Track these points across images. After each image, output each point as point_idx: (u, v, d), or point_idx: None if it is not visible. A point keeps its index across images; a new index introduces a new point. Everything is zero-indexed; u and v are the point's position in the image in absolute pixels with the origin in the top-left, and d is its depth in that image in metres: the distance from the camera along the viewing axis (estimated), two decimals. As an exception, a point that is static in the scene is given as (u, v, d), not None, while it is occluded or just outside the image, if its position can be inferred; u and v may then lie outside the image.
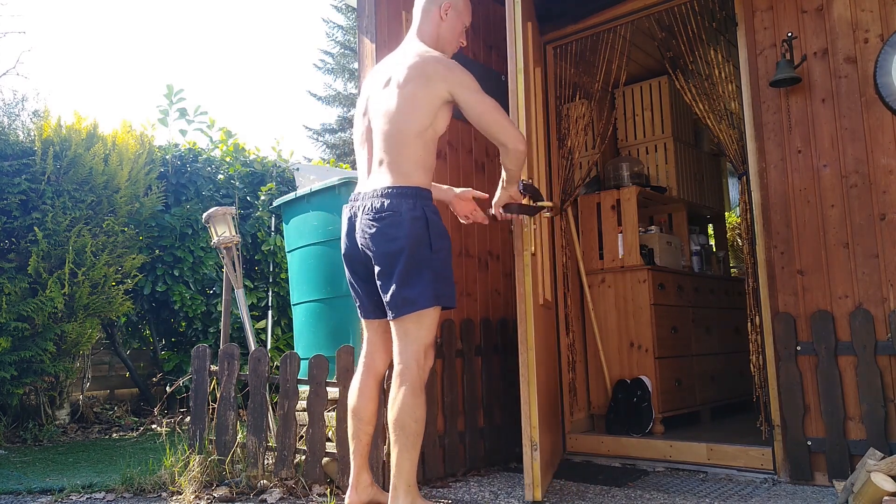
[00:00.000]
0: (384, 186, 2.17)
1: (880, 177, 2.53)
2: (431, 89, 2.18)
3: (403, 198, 2.15)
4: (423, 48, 2.30)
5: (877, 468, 2.04)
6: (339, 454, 2.64)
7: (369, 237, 2.16)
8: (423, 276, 2.13)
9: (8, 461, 3.49)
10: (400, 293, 2.12)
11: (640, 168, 4.10)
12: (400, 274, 2.12)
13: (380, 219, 2.14)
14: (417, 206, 2.15)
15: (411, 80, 2.19)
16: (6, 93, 5.16)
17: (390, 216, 2.13)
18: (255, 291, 5.38)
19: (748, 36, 2.84)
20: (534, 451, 2.41)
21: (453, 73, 2.20)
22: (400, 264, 2.12)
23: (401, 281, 2.12)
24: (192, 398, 2.92)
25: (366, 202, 2.20)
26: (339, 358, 2.72)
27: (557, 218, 3.51)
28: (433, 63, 2.21)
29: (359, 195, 2.25)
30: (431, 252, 2.15)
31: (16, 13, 13.99)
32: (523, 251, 2.47)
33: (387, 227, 2.13)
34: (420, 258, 2.13)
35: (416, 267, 2.13)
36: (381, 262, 2.16)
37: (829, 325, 2.55)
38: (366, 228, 2.17)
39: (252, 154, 5.92)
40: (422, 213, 2.15)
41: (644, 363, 3.58)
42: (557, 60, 3.64)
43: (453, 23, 2.38)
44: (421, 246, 2.13)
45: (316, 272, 3.31)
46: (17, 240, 4.21)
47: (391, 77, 2.25)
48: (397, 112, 2.19)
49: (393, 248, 2.13)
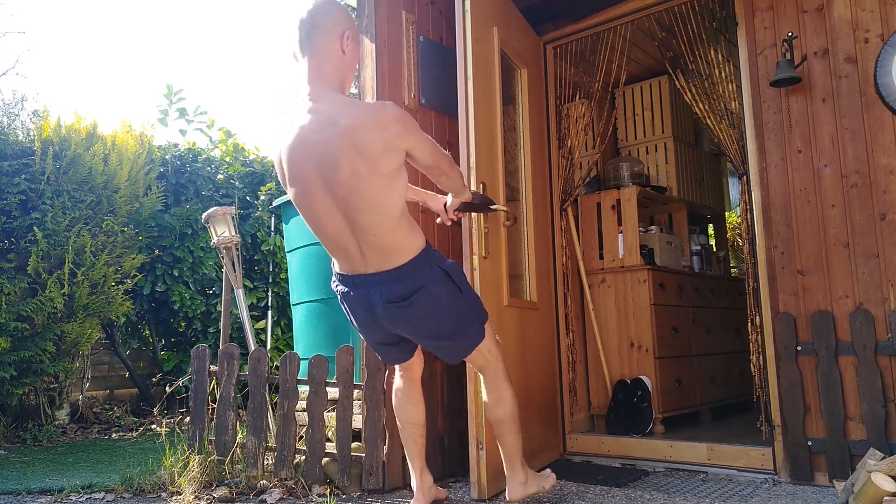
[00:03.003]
0: (394, 268, 2.01)
1: (881, 177, 2.53)
2: (395, 158, 1.97)
3: (419, 270, 2.03)
4: (350, 103, 2.00)
5: (877, 468, 2.04)
6: (338, 454, 2.64)
7: (406, 322, 2.09)
8: (469, 321, 2.17)
9: (7, 461, 3.49)
10: (457, 346, 2.19)
11: (640, 168, 4.10)
12: (449, 335, 2.15)
13: (410, 304, 2.03)
14: (434, 267, 2.07)
15: (372, 157, 1.92)
16: (6, 93, 5.17)
17: (418, 294, 2.03)
18: (255, 291, 5.38)
19: (748, 36, 2.84)
20: (479, 451, 2.45)
21: (407, 126, 1.99)
22: (444, 329, 2.13)
23: (454, 336, 2.15)
24: (192, 398, 2.92)
25: (381, 289, 2.03)
26: (339, 358, 2.71)
27: (558, 218, 3.51)
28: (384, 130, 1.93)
29: (358, 278, 2.06)
30: (462, 293, 2.14)
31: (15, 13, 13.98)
32: (471, 255, 2.51)
33: (421, 307, 2.05)
34: (459, 309, 2.13)
35: (460, 319, 2.14)
36: (427, 334, 2.15)
37: (830, 325, 2.55)
38: (397, 316, 2.06)
39: (252, 154, 5.92)
40: (441, 273, 2.08)
41: (644, 363, 3.57)
42: (557, 60, 3.64)
43: (353, 54, 2.06)
44: (455, 299, 2.11)
45: (316, 272, 3.31)
46: (16, 240, 4.21)
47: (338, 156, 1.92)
48: (376, 200, 1.96)
49: (434, 321, 2.10)
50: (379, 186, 1.95)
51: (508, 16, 3.07)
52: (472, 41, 2.61)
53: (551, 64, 3.58)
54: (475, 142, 2.58)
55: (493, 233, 2.65)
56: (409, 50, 3.03)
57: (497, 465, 2.54)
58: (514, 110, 3.17)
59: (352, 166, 1.91)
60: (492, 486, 2.50)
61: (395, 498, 2.55)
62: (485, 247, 2.55)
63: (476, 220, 2.53)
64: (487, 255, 2.58)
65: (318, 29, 1.98)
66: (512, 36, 3.06)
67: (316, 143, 1.93)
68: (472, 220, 2.54)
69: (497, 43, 2.84)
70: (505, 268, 2.73)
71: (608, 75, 3.76)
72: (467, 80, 2.59)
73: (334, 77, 2.01)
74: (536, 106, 3.35)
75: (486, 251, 2.56)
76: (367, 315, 2.10)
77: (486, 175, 2.64)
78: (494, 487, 2.52)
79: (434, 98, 3.13)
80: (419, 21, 3.11)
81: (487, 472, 2.47)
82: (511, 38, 3.04)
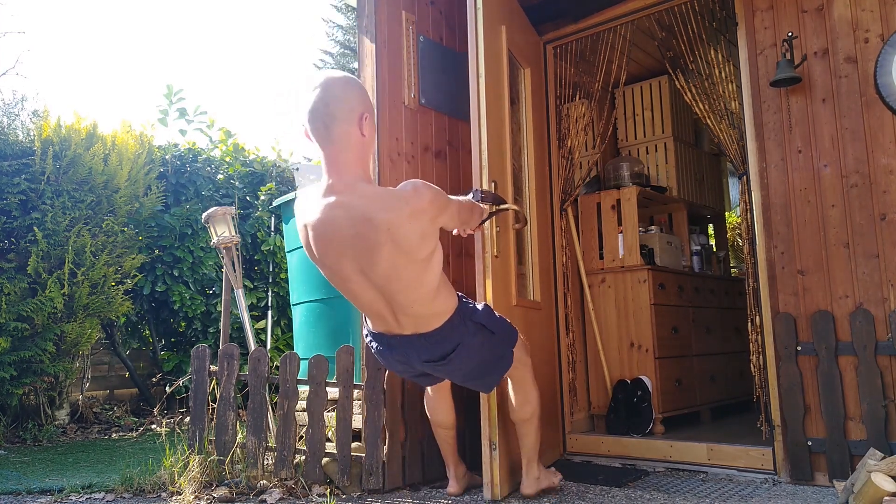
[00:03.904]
0: (431, 331, 2.07)
1: (881, 177, 2.53)
2: (431, 242, 1.99)
3: (456, 329, 2.09)
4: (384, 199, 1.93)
5: (877, 468, 2.04)
6: (338, 454, 2.64)
7: (445, 373, 2.25)
8: (503, 353, 2.29)
9: (7, 461, 3.48)
10: (491, 382, 2.33)
11: (640, 168, 4.10)
12: (485, 374, 2.28)
13: (448, 362, 2.12)
14: (467, 322, 2.12)
15: (411, 248, 1.94)
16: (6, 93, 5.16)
17: (455, 352, 2.10)
18: (255, 291, 5.37)
19: (748, 35, 2.84)
20: (493, 451, 2.45)
21: (439, 203, 2.00)
22: (481, 371, 2.26)
23: (490, 373, 2.29)
24: (192, 398, 2.92)
25: (419, 352, 2.10)
26: (339, 358, 2.71)
27: (558, 217, 3.51)
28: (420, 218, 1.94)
29: (394, 339, 2.11)
30: (494, 335, 2.20)
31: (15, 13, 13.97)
32: (484, 254, 2.52)
33: (459, 361, 2.14)
34: (493, 349, 2.23)
35: (493, 356, 2.26)
36: (464, 379, 2.29)
37: (830, 325, 2.55)
38: (435, 370, 2.20)
39: (252, 154, 5.92)
40: (474, 325, 2.13)
41: (644, 363, 3.57)
42: (557, 60, 3.63)
43: (371, 130, 1.98)
44: (489, 342, 2.20)
45: (316, 272, 3.29)
46: (16, 240, 4.21)
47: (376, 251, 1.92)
48: (415, 283, 2.00)
49: (473, 369, 2.22)
50: (416, 272, 1.98)
51: (513, 15, 3.07)
52: (484, 40, 2.60)
53: (551, 64, 3.58)
54: (487, 141, 2.55)
55: (503, 233, 2.64)
56: (409, 50, 3.03)
57: (509, 465, 2.54)
58: (516, 110, 3.17)
59: (390, 260, 1.93)
60: (505, 486, 2.49)
61: (395, 498, 2.55)
62: (496, 246, 2.55)
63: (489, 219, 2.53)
64: (499, 255, 2.57)
65: (337, 120, 1.90)
66: (516, 35, 3.06)
67: (352, 237, 1.92)
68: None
69: (505, 42, 2.84)
70: (514, 268, 2.74)
71: (608, 75, 3.76)
72: (479, 78, 2.57)
73: (358, 164, 1.96)
74: (537, 106, 3.35)
75: (497, 250, 2.55)
76: (406, 367, 2.23)
77: (497, 174, 2.63)
78: (507, 487, 2.51)
79: (434, 98, 3.13)
80: (419, 21, 3.11)
81: (500, 472, 2.46)
82: (516, 37, 3.04)
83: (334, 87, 1.93)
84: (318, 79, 1.95)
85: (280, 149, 6.44)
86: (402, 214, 1.90)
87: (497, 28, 2.79)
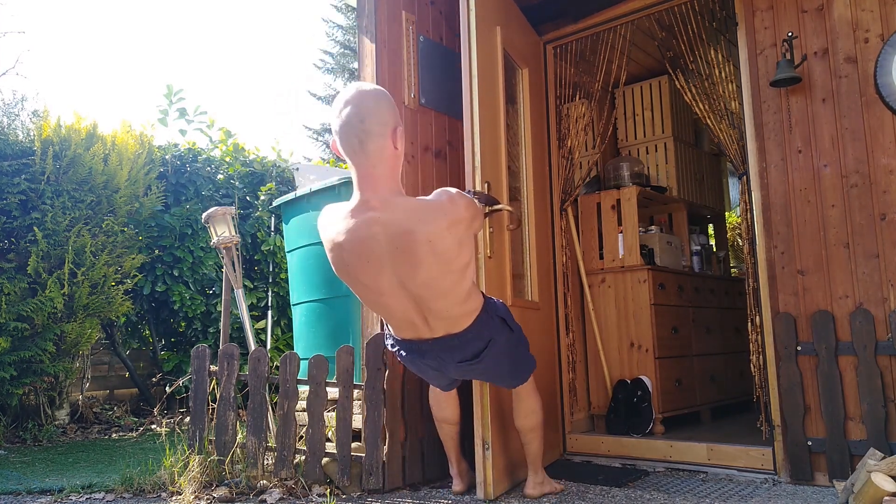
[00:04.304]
0: (462, 331, 2.10)
1: (881, 177, 2.53)
2: (468, 250, 2.05)
3: (485, 327, 2.14)
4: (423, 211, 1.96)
5: (877, 468, 2.04)
6: (338, 454, 2.64)
7: (477, 374, 2.31)
8: (524, 351, 2.36)
9: (7, 461, 3.49)
10: (515, 379, 2.41)
11: (640, 168, 4.10)
12: (510, 373, 2.37)
13: (481, 360, 2.17)
14: (494, 318, 2.18)
15: (450, 258, 1.97)
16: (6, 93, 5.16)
17: (487, 349, 2.16)
18: (255, 291, 5.37)
19: (748, 35, 2.84)
20: (485, 451, 2.47)
21: (473, 211, 2.06)
22: (508, 367, 2.33)
23: (512, 373, 2.38)
24: (192, 398, 2.92)
25: (452, 353, 2.14)
26: (339, 358, 2.71)
27: (558, 218, 3.51)
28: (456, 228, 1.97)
29: (424, 344, 2.13)
30: (514, 331, 2.27)
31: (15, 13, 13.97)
32: (477, 255, 2.52)
33: (491, 358, 2.19)
34: (517, 346, 2.31)
35: (518, 353, 2.33)
36: (495, 377, 2.38)
37: (830, 325, 2.55)
38: (469, 370, 2.25)
39: (252, 154, 5.92)
40: (499, 321, 2.19)
41: (644, 363, 3.57)
42: (557, 60, 3.64)
43: (403, 144, 2.01)
44: (511, 339, 2.25)
45: (316, 272, 3.31)
46: (16, 240, 4.21)
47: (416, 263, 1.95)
48: (450, 291, 2.04)
49: (503, 366, 2.30)
50: (454, 280, 2.02)
51: (510, 15, 3.07)
52: (477, 41, 2.61)
53: (551, 64, 3.58)
54: (480, 141, 2.57)
55: (497, 234, 2.65)
56: (409, 50, 3.03)
57: (503, 465, 2.55)
58: (514, 110, 3.17)
59: (430, 271, 1.96)
60: (498, 486, 2.50)
61: (395, 498, 2.55)
62: (490, 247, 2.56)
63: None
64: (492, 256, 2.58)
65: (371, 135, 1.91)
66: (513, 35, 3.06)
67: (391, 252, 1.93)
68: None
69: (500, 42, 2.84)
70: (508, 268, 2.74)
71: (608, 75, 3.76)
72: (472, 79, 2.58)
73: (391, 177, 1.98)
74: (537, 106, 3.35)
75: (490, 251, 2.56)
76: (437, 372, 2.26)
77: (491, 175, 2.64)
78: (500, 487, 2.52)
79: (434, 98, 3.13)
80: (419, 21, 3.11)
81: (493, 472, 2.47)
82: (512, 37, 3.04)
83: (367, 101, 1.93)
84: (350, 92, 1.95)
85: (280, 149, 6.44)
86: (440, 226, 1.93)
87: (492, 28, 2.79)
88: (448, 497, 2.55)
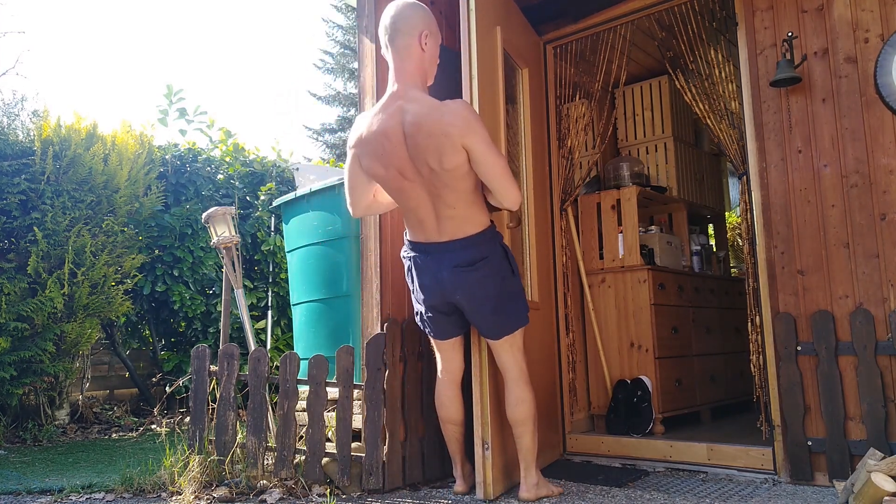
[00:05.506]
0: (466, 237, 2.29)
1: (881, 177, 2.53)
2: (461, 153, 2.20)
3: (487, 241, 2.32)
4: (426, 103, 2.23)
5: (877, 468, 2.04)
6: (338, 454, 2.64)
7: (466, 288, 2.32)
8: (516, 302, 2.41)
9: (7, 461, 3.49)
10: (498, 321, 2.39)
11: (640, 168, 4.10)
12: (496, 309, 2.36)
13: (475, 269, 2.29)
14: (497, 244, 2.36)
15: (444, 151, 2.18)
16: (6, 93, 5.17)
17: (483, 263, 2.30)
18: (255, 291, 5.38)
19: (748, 35, 2.84)
20: (485, 451, 2.46)
21: (469, 127, 2.20)
22: (495, 300, 2.35)
23: (498, 312, 2.37)
24: (192, 398, 2.92)
25: (451, 256, 2.30)
26: (339, 358, 2.71)
27: (558, 218, 3.51)
28: (448, 124, 2.18)
29: (430, 246, 2.33)
30: (514, 276, 2.40)
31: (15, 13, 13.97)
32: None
33: (482, 271, 2.30)
34: (510, 289, 2.38)
35: (508, 298, 2.38)
36: (478, 304, 2.35)
37: (830, 325, 2.55)
38: (461, 280, 2.30)
39: (252, 154, 5.92)
40: (502, 250, 2.37)
41: (644, 363, 3.57)
42: (557, 60, 3.64)
43: (433, 50, 2.32)
44: (508, 278, 2.37)
45: (316, 272, 3.31)
46: (16, 240, 4.21)
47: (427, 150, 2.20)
48: (459, 182, 2.24)
49: (491, 289, 2.33)
50: (464, 172, 2.22)
51: (510, 15, 3.07)
52: (477, 41, 2.61)
53: (551, 64, 3.58)
54: None
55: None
56: (409, 50, 3.02)
57: (502, 465, 2.55)
58: (514, 110, 3.17)
59: (438, 158, 2.18)
60: (497, 486, 2.50)
61: (395, 498, 2.55)
62: None
63: None
64: None
65: (399, 32, 2.26)
66: (513, 35, 3.06)
67: (409, 136, 2.20)
68: None
69: (500, 42, 2.84)
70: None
71: (608, 75, 3.76)
72: (472, 79, 2.58)
73: (417, 74, 2.27)
74: (537, 106, 3.35)
75: None
76: (433, 281, 2.34)
77: None
78: (500, 487, 2.52)
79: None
80: (419, 21, 3.10)
81: (493, 472, 2.47)
82: (512, 37, 3.04)
83: (402, 8, 2.29)
84: (393, 4, 2.32)
85: (280, 149, 6.44)
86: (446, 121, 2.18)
87: (492, 29, 2.79)
88: (448, 497, 2.55)
